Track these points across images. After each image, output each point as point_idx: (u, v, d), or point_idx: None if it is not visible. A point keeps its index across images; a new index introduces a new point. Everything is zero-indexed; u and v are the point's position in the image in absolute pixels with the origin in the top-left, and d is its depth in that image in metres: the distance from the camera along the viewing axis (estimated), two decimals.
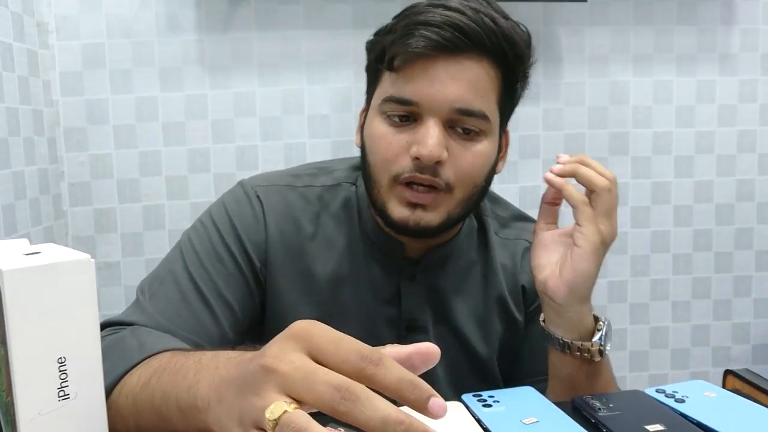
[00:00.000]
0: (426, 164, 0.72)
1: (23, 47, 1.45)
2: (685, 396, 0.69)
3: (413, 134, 0.73)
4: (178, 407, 0.53)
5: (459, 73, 0.71)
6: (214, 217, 0.82)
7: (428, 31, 0.70)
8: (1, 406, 0.54)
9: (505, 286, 0.87)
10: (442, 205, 0.75)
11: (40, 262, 0.51)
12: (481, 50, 0.72)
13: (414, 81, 0.72)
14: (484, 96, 0.73)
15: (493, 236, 0.89)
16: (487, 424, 0.63)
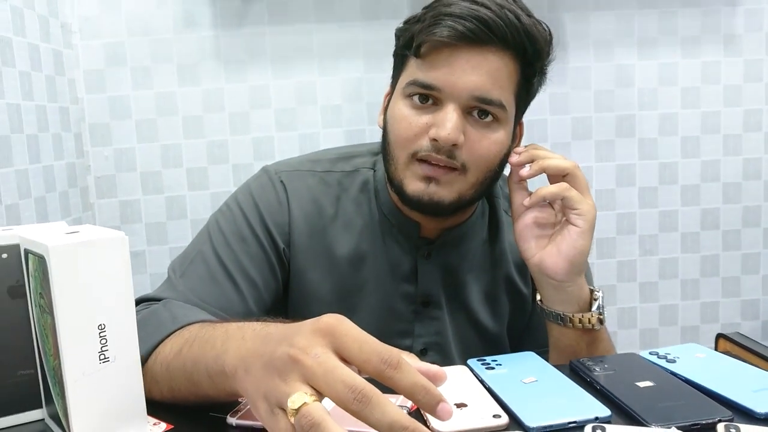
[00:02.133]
0: (443, 146, 0.77)
1: (49, 47, 1.52)
2: (677, 357, 0.73)
3: (433, 117, 0.78)
4: (207, 374, 0.59)
5: (480, 64, 0.76)
6: (240, 201, 0.88)
7: (454, 21, 0.74)
8: (49, 369, 0.61)
9: (512, 262, 0.92)
10: (455, 183, 0.79)
11: (80, 239, 0.57)
12: (503, 44, 0.77)
13: (437, 68, 0.77)
14: (503, 87, 0.78)
15: (502, 215, 0.93)
16: (489, 384, 0.68)
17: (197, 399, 0.63)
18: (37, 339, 0.62)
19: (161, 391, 0.66)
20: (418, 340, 0.89)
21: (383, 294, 0.88)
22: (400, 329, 0.89)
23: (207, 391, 0.61)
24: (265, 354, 0.49)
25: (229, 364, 0.55)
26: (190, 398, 0.64)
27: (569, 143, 1.78)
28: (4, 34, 1.33)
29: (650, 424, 0.57)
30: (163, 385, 0.66)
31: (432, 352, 0.89)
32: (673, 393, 0.63)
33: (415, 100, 0.80)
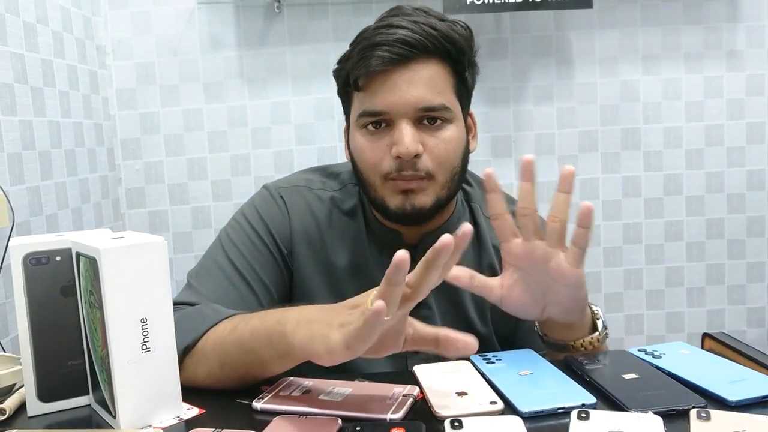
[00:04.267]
0: (406, 159, 0.83)
1: (85, 68, 1.62)
2: (663, 353, 0.79)
3: (390, 137, 0.84)
4: (267, 336, 0.67)
5: (414, 78, 0.83)
6: (246, 215, 0.96)
7: (381, 51, 0.82)
8: (96, 358, 0.68)
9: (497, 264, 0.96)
10: (429, 189, 0.86)
11: (126, 243, 0.65)
12: (428, 54, 0.83)
13: (378, 94, 0.83)
14: (440, 91, 0.84)
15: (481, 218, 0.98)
16: (489, 376, 0.74)
17: (247, 368, 0.71)
18: (86, 332, 0.70)
19: (210, 368, 0.73)
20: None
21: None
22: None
23: (262, 355, 0.69)
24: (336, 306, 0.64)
25: (290, 322, 0.65)
26: (240, 370, 0.72)
27: (576, 155, 1.85)
28: (46, 56, 1.44)
29: (630, 410, 0.63)
30: (214, 362, 0.73)
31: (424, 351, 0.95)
32: (654, 383, 0.69)
33: (370, 128, 0.86)
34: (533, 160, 0.76)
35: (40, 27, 1.43)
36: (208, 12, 1.76)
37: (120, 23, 1.75)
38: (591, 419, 0.60)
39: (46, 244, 0.70)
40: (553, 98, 1.83)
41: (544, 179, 1.86)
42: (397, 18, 0.84)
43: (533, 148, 1.85)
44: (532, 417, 0.64)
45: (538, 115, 1.84)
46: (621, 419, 0.60)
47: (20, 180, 1.32)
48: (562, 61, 1.82)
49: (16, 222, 1.26)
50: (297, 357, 0.67)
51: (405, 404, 0.66)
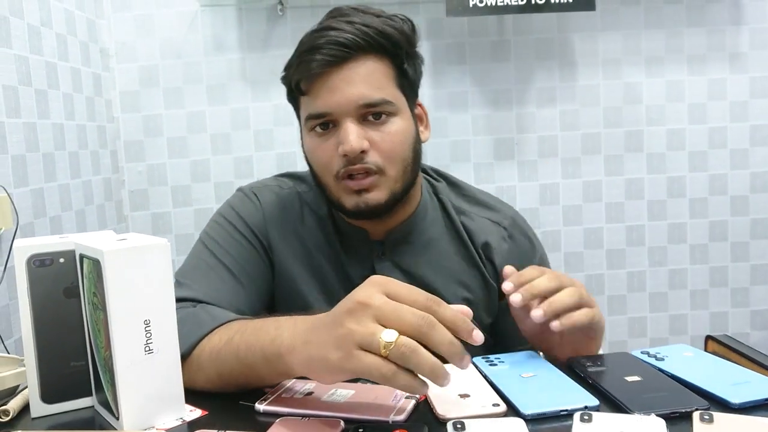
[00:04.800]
0: (352, 156, 0.85)
1: (89, 71, 1.63)
2: (666, 355, 0.79)
3: (337, 137, 0.86)
4: (263, 356, 0.67)
5: (352, 77, 0.85)
6: (224, 214, 0.98)
7: (317, 54, 0.84)
8: (99, 360, 0.68)
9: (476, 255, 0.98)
10: (381, 185, 0.88)
11: (130, 245, 0.65)
12: (363, 52, 0.85)
13: (320, 96, 0.86)
14: (380, 86, 0.86)
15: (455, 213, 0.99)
16: (491, 378, 0.74)
17: (247, 381, 0.71)
18: (89, 334, 0.70)
19: (208, 377, 0.74)
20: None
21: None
22: None
23: (260, 372, 0.69)
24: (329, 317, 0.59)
25: (285, 344, 0.64)
26: (239, 381, 0.72)
27: (579, 158, 1.85)
28: (50, 59, 1.44)
29: (633, 412, 0.63)
30: (211, 371, 0.73)
31: None
32: (657, 386, 0.69)
33: (318, 130, 0.88)
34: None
35: (45, 30, 1.43)
36: (211, 15, 1.77)
37: (123, 26, 1.75)
38: (594, 421, 0.61)
39: (50, 246, 0.71)
40: (556, 100, 1.83)
41: (547, 181, 1.86)
42: (333, 20, 0.86)
43: (536, 151, 1.85)
44: (535, 419, 0.64)
45: (540, 117, 1.84)
46: (624, 421, 0.60)
47: (24, 182, 1.33)
48: (565, 63, 1.82)
49: (20, 224, 1.26)
50: (296, 375, 0.67)
51: (408, 406, 0.66)
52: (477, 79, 1.79)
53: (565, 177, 1.86)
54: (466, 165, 1.85)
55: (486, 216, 0.99)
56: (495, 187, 1.85)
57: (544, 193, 1.86)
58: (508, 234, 0.99)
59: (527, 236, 1.01)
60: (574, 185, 1.86)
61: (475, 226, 0.98)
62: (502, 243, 0.98)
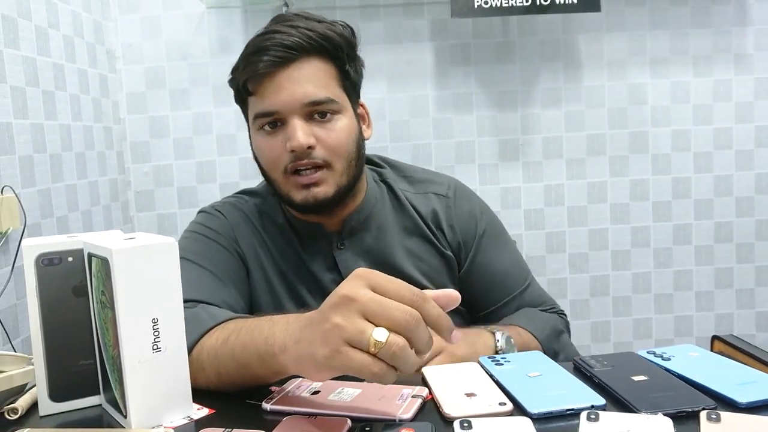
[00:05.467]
0: (301, 152, 0.88)
1: (96, 72, 1.64)
2: (672, 355, 0.79)
3: (284, 134, 0.90)
4: (258, 355, 0.68)
5: (297, 77, 0.88)
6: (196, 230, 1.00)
7: (264, 55, 0.87)
8: (108, 358, 0.69)
9: (426, 228, 1.02)
10: (328, 179, 0.91)
11: (138, 244, 0.65)
12: (307, 53, 0.89)
13: (267, 95, 0.89)
14: (324, 85, 0.90)
15: (402, 194, 1.04)
16: (498, 378, 0.74)
17: (244, 380, 0.72)
18: (97, 332, 0.70)
19: (208, 377, 0.74)
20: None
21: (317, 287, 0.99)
22: None
23: (256, 371, 0.70)
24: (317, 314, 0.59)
25: (278, 343, 0.65)
26: (237, 380, 0.72)
27: (584, 159, 1.85)
28: (58, 61, 1.45)
29: (640, 411, 0.63)
30: (210, 371, 0.74)
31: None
32: (663, 385, 0.69)
33: (266, 129, 0.91)
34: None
35: (52, 31, 1.44)
36: (217, 16, 1.77)
37: (130, 28, 1.76)
38: (600, 420, 0.61)
39: (59, 245, 0.71)
40: (561, 102, 1.83)
41: (552, 182, 1.86)
42: (278, 25, 0.90)
43: (541, 152, 1.85)
44: (542, 418, 0.64)
45: (545, 118, 1.84)
46: (630, 421, 0.60)
47: (31, 182, 1.34)
48: (570, 64, 1.82)
49: (28, 224, 1.27)
50: (290, 373, 0.68)
51: (414, 405, 0.66)
52: (482, 81, 1.79)
53: (570, 178, 1.86)
54: (470, 166, 1.85)
55: (429, 190, 1.04)
56: (500, 188, 1.85)
57: (549, 194, 1.86)
58: (453, 201, 1.03)
59: (469, 200, 1.06)
60: (579, 186, 1.86)
61: (420, 202, 1.03)
62: (448, 210, 1.03)
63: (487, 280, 1.03)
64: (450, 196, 1.04)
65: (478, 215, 1.05)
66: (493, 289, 1.03)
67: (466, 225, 1.03)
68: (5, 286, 1.16)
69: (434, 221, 1.03)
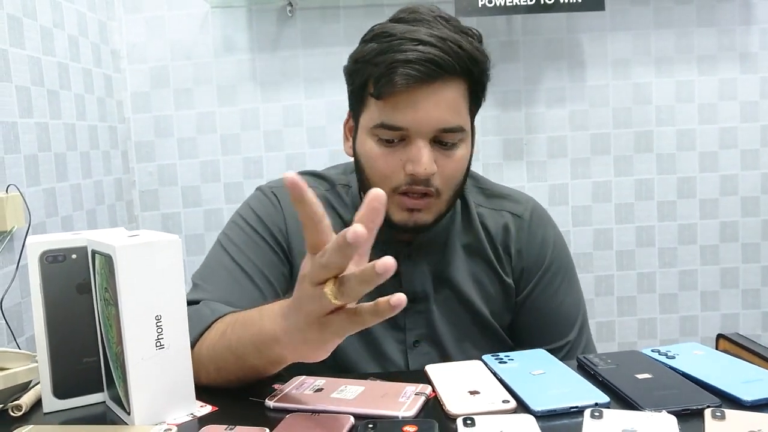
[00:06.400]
0: (421, 180, 0.84)
1: (100, 72, 1.64)
2: (676, 354, 0.79)
3: (406, 153, 0.84)
4: (254, 346, 0.68)
5: (438, 98, 0.82)
6: (243, 215, 0.98)
7: (408, 68, 0.80)
8: (111, 355, 0.69)
9: (490, 250, 0.98)
10: (433, 207, 0.87)
11: (141, 241, 0.65)
12: (454, 74, 0.83)
13: (400, 110, 0.82)
14: (459, 112, 0.85)
15: (474, 208, 0.99)
16: (501, 376, 0.74)
17: (244, 373, 0.72)
18: (101, 329, 0.71)
19: (208, 372, 0.74)
20: (410, 332, 0.96)
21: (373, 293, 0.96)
22: (392, 323, 0.96)
23: (253, 362, 0.70)
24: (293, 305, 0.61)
25: (269, 333, 0.65)
26: (237, 374, 0.72)
27: (588, 158, 1.84)
28: (62, 60, 1.46)
29: (644, 409, 0.63)
30: (210, 366, 0.74)
31: (424, 342, 0.96)
32: (668, 383, 0.69)
33: (385, 140, 0.85)
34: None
35: (57, 31, 1.45)
36: (221, 16, 1.78)
37: (134, 27, 1.77)
38: (604, 418, 0.61)
39: (63, 242, 0.71)
40: (566, 101, 1.83)
41: (557, 182, 1.86)
42: (422, 29, 0.82)
43: (545, 151, 1.85)
44: (545, 416, 0.64)
45: (550, 117, 1.84)
46: (635, 418, 0.60)
47: (36, 181, 1.34)
48: (574, 63, 1.82)
49: (32, 223, 1.27)
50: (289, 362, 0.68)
51: (417, 402, 0.66)
52: None
53: (575, 177, 1.86)
54: (474, 165, 1.81)
55: (505, 208, 0.99)
56: None
57: (553, 193, 1.85)
58: (528, 224, 0.98)
59: (545, 228, 1.00)
60: (584, 186, 1.86)
61: (492, 219, 0.98)
62: (520, 233, 0.98)
63: (539, 317, 0.98)
64: (526, 219, 0.98)
65: (551, 246, 0.99)
66: (544, 329, 0.97)
67: (536, 253, 0.97)
68: (10, 285, 1.17)
69: (503, 242, 0.97)
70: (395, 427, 0.60)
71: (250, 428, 0.62)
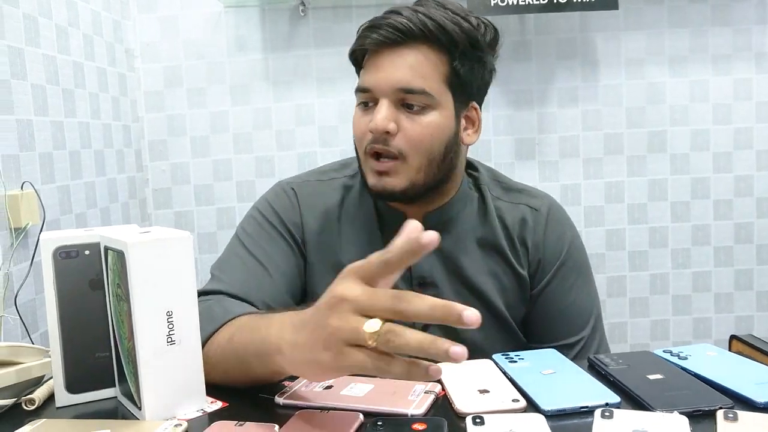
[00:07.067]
0: (378, 135, 0.87)
1: (115, 71, 1.65)
2: (689, 355, 0.78)
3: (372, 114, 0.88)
4: (256, 355, 0.68)
5: (399, 61, 0.86)
6: (260, 209, 1.00)
7: (373, 32, 0.87)
8: (123, 351, 0.69)
9: (505, 242, 0.98)
10: (401, 172, 0.89)
11: (153, 237, 0.66)
12: (416, 40, 0.87)
13: (368, 72, 0.89)
14: (425, 76, 0.87)
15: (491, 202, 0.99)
16: (511, 375, 0.74)
17: (247, 379, 0.72)
18: (113, 325, 0.71)
19: (216, 374, 0.75)
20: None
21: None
22: None
23: (256, 371, 0.69)
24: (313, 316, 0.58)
25: (273, 344, 0.64)
26: (241, 378, 0.72)
27: (601, 158, 1.83)
28: (77, 59, 1.47)
29: (655, 409, 0.62)
30: (218, 368, 0.74)
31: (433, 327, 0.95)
32: (680, 384, 0.68)
33: (362, 106, 0.91)
34: None
35: (72, 30, 1.46)
36: (234, 15, 1.79)
37: (148, 27, 1.78)
38: (615, 418, 0.60)
39: (76, 239, 0.72)
40: (578, 100, 1.82)
41: (569, 182, 1.85)
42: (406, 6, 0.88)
43: (557, 151, 1.84)
44: (555, 415, 0.63)
45: (562, 117, 1.83)
46: (645, 419, 0.60)
47: (51, 179, 1.35)
48: (587, 63, 1.81)
49: (47, 220, 1.29)
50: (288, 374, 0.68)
51: (427, 400, 0.66)
52: (498, 79, 1.75)
53: (587, 177, 1.85)
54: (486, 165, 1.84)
55: (523, 201, 1.00)
56: None
57: (565, 193, 1.84)
58: (545, 219, 0.98)
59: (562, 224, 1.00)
60: (596, 186, 1.85)
61: (509, 211, 0.99)
62: (537, 227, 0.98)
63: (553, 311, 0.98)
64: (543, 213, 0.98)
65: (568, 242, 0.99)
66: (557, 324, 0.97)
67: (552, 247, 0.97)
68: (24, 281, 1.18)
69: (520, 234, 0.97)
70: (404, 424, 0.60)
71: (260, 424, 0.62)
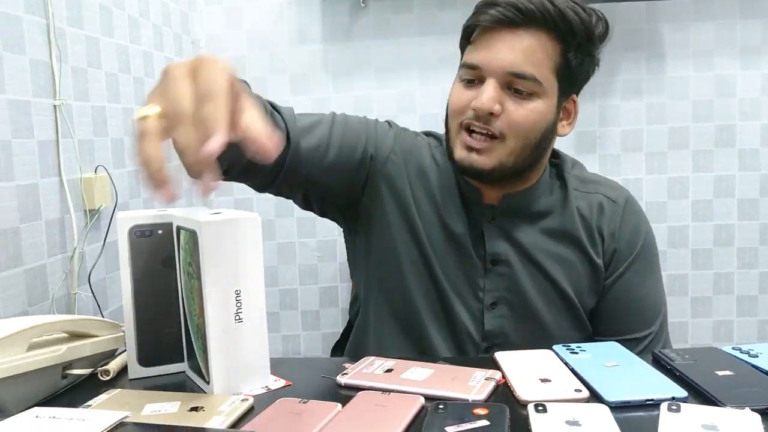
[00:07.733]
0: (481, 114, 0.86)
1: None
2: (760, 352, 0.76)
3: (476, 92, 0.88)
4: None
5: (514, 43, 0.86)
6: (370, 119, 1.02)
7: (492, 9, 0.86)
8: (193, 327, 0.72)
9: (582, 231, 0.97)
10: (494, 151, 0.88)
11: (224, 218, 0.68)
12: (536, 24, 0.86)
13: (479, 49, 0.88)
14: (536, 62, 0.86)
15: (572, 190, 0.99)
16: (573, 366, 0.73)
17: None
18: (183, 302, 0.74)
19: None
20: (488, 294, 0.96)
21: (455, 250, 0.97)
22: (470, 283, 0.97)
23: None
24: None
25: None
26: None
27: (665, 153, 1.78)
28: (147, 49, 1.52)
29: (725, 405, 0.61)
30: None
31: (502, 305, 0.95)
32: (750, 381, 0.66)
33: (465, 81, 0.90)
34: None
35: (143, 20, 1.51)
36: (296, 7, 1.81)
37: (214, 18, 1.82)
38: (682, 412, 0.59)
39: (150, 218, 0.75)
40: (642, 93, 1.77)
41: (630, 176, 1.81)
42: None
43: (619, 144, 1.80)
44: (619, 407, 0.62)
45: (625, 110, 1.79)
46: (715, 414, 0.58)
47: (122, 163, 1.41)
48: (654, 54, 1.75)
49: (118, 202, 1.34)
50: None
51: (487, 387, 0.66)
52: None
53: (650, 172, 1.80)
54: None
55: (600, 191, 0.99)
56: None
57: (626, 188, 1.80)
58: (623, 209, 0.98)
59: (639, 216, 0.99)
60: (659, 181, 1.80)
61: (585, 201, 0.98)
62: (615, 216, 0.97)
63: (624, 303, 0.97)
64: (620, 204, 0.98)
65: (643, 234, 0.98)
66: (627, 316, 0.97)
67: (628, 238, 0.97)
68: (97, 260, 1.23)
69: (597, 223, 0.97)
70: (466, 409, 0.60)
71: (323, 402, 0.63)
